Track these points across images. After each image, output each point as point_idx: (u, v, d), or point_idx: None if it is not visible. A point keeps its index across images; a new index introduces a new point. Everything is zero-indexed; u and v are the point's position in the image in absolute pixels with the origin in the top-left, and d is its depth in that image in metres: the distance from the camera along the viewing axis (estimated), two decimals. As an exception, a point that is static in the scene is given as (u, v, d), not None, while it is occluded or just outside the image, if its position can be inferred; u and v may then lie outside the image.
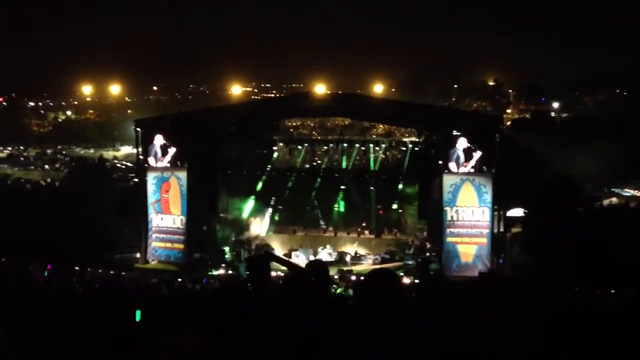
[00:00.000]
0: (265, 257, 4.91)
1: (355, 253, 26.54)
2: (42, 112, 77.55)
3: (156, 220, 25.84)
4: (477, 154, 23.20)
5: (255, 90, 77.66)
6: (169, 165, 25.62)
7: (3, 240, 21.31)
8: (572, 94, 63.61)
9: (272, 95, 69.61)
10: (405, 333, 3.29)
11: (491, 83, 67.61)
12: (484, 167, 23.29)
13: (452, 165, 23.59)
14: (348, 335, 3.41)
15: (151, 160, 25.88)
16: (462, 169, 23.45)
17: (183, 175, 25.44)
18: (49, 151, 61.50)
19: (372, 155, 28.72)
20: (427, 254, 25.40)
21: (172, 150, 25.49)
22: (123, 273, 21.02)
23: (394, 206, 29.09)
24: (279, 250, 27.42)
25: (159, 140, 25.67)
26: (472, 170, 23.37)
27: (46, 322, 5.21)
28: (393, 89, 65.32)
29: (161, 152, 25.66)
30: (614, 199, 31.49)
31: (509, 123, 40.04)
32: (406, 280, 20.91)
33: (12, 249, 20.44)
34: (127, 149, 55.45)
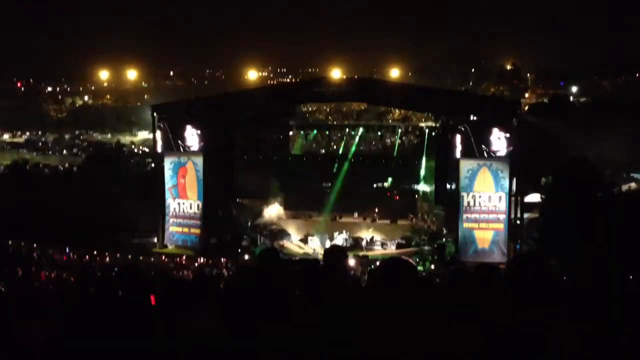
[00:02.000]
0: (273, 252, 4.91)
1: (371, 238, 26.53)
2: (60, 97, 78.01)
3: (173, 205, 25.98)
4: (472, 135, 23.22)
5: (271, 75, 77.58)
6: (185, 150, 25.73)
7: (23, 224, 21.61)
8: (591, 78, 62.80)
9: (288, 80, 69.49)
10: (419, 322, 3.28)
11: (509, 67, 66.94)
12: (501, 152, 23.08)
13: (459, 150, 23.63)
14: (355, 321, 3.40)
15: (167, 146, 25.98)
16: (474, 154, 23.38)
17: (199, 160, 25.51)
18: (66, 136, 61.92)
19: (388, 140, 28.61)
20: (444, 239, 25.34)
21: (188, 135, 25.57)
22: (141, 257, 21.22)
23: (410, 191, 28.99)
24: (295, 236, 27.46)
25: (175, 125, 25.75)
26: (479, 154, 23.29)
27: (65, 305, 5.28)
28: (409, 74, 64.91)
29: (178, 138, 25.73)
30: (633, 184, 31.10)
31: (526, 108, 39.66)
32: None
33: (31, 233, 20.76)
34: (144, 134, 55.70)
